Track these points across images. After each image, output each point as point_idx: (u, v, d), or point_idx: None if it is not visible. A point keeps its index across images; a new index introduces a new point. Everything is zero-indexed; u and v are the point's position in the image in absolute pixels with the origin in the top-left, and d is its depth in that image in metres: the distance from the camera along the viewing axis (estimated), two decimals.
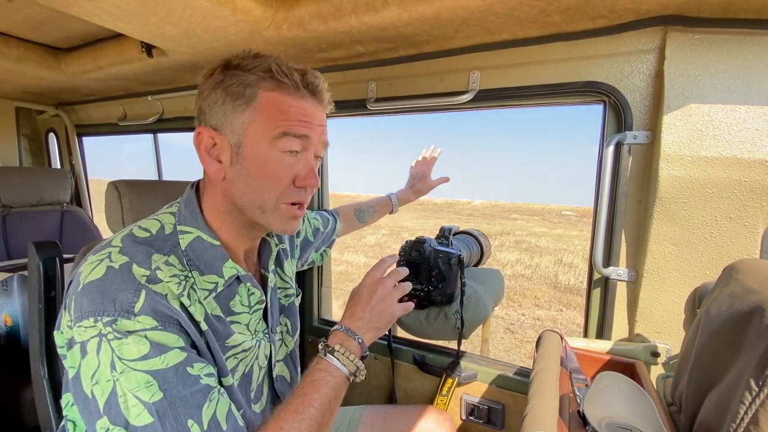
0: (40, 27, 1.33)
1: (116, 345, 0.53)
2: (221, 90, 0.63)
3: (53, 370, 0.95)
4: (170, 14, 0.96)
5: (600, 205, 1.00)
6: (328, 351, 0.66)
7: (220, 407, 0.58)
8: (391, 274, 0.76)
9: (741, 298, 0.58)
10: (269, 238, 0.83)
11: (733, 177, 0.87)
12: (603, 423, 0.64)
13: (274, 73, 0.63)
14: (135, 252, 0.59)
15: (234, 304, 0.70)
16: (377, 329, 0.72)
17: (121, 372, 0.52)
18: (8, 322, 1.53)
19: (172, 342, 0.56)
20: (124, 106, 2.01)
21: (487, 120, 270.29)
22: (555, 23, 0.94)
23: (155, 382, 0.53)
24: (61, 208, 2.20)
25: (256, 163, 0.64)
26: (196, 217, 0.68)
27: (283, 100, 0.64)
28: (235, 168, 0.65)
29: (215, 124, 0.64)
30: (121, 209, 0.99)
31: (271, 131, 0.63)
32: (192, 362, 0.57)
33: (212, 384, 0.59)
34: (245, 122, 0.63)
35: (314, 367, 0.66)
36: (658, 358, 0.94)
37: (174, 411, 0.53)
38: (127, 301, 0.54)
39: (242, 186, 0.65)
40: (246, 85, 0.63)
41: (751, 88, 0.84)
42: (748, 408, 0.45)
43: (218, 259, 0.67)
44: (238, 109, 0.63)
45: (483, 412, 1.20)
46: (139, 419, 0.52)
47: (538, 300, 6.86)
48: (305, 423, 0.59)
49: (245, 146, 0.64)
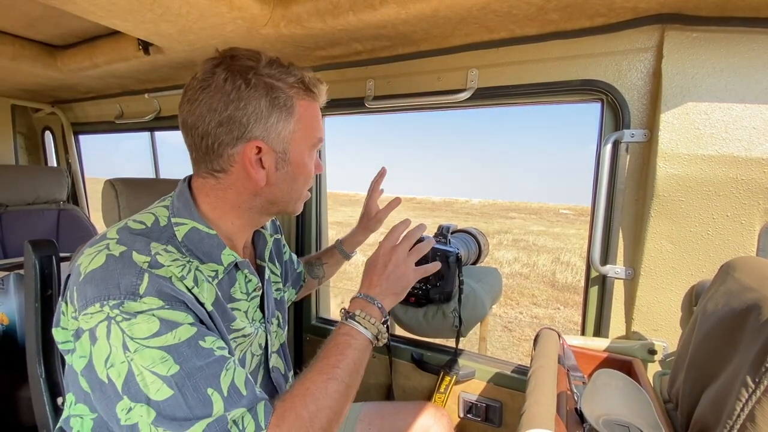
0: (36, 24, 1.32)
1: (126, 326, 0.53)
2: (266, 101, 0.66)
3: (50, 369, 0.95)
4: (167, 11, 0.96)
5: (597, 204, 1.00)
6: (349, 316, 0.69)
7: (238, 375, 0.58)
8: (403, 241, 0.78)
9: (738, 296, 0.58)
10: (263, 230, 0.85)
11: (730, 175, 0.87)
12: (600, 420, 0.65)
13: (308, 85, 0.70)
14: (133, 241, 0.60)
15: (234, 290, 0.72)
16: (395, 295, 0.75)
17: (134, 351, 0.53)
18: (4, 321, 1.52)
19: (181, 318, 0.57)
20: (120, 104, 2.00)
21: (486, 118, 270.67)
22: (553, 21, 0.94)
23: (170, 357, 0.54)
24: (58, 207, 2.18)
25: (300, 166, 0.72)
26: (190, 209, 0.69)
27: (313, 108, 0.72)
28: (280, 172, 0.70)
29: (260, 135, 0.67)
30: (118, 207, 0.99)
31: (310, 140, 0.72)
32: (203, 336, 0.58)
33: (226, 355, 0.59)
34: (290, 132, 0.69)
35: (336, 332, 0.68)
36: (655, 356, 0.95)
37: (193, 381, 0.54)
38: (131, 284, 0.55)
39: (285, 186, 0.72)
40: (288, 96, 0.68)
41: (749, 86, 0.85)
42: (745, 404, 0.45)
43: (216, 248, 0.68)
44: (283, 120, 0.68)
45: (481, 410, 1.20)
46: (159, 394, 0.52)
47: (535, 298, 6.88)
48: (332, 383, 0.60)
49: (290, 152, 0.70)
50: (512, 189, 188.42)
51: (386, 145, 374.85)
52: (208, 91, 0.64)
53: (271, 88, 0.65)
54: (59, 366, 0.95)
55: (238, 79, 0.64)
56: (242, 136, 0.65)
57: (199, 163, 0.70)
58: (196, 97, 0.65)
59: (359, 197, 40.96)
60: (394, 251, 0.76)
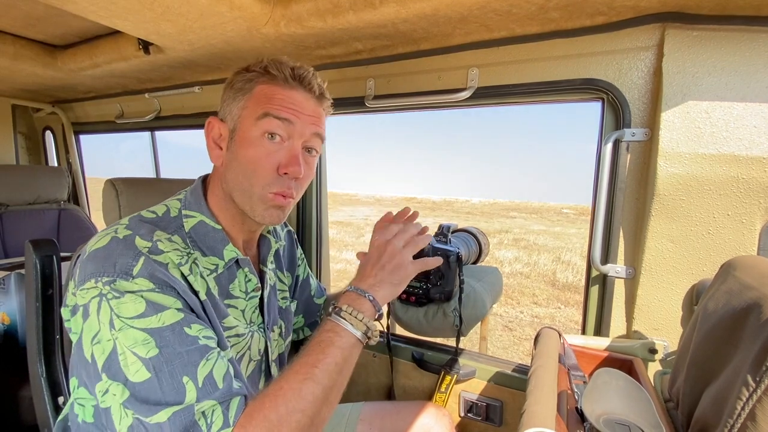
0: (37, 24, 1.32)
1: (114, 304, 0.55)
2: (230, 88, 0.72)
3: (51, 368, 0.95)
4: (167, 11, 0.96)
5: (598, 203, 1.00)
6: (335, 311, 0.64)
7: (218, 367, 0.57)
8: (399, 234, 0.73)
9: (738, 295, 0.58)
10: (268, 235, 0.85)
11: (730, 174, 0.87)
12: (601, 419, 0.64)
13: (269, 67, 0.70)
14: (139, 228, 0.63)
15: (233, 287, 0.73)
16: (392, 285, 0.68)
17: (119, 329, 0.54)
18: (5, 320, 1.52)
19: (169, 303, 0.57)
20: (121, 104, 2.00)
21: (487, 117, 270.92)
22: (553, 20, 0.94)
23: (152, 340, 0.54)
24: (59, 207, 2.19)
25: (243, 144, 0.68)
26: (199, 203, 0.72)
27: (273, 89, 0.69)
28: (229, 153, 0.70)
29: (222, 116, 0.73)
30: (118, 207, 0.99)
31: (255, 114, 0.68)
32: (190, 323, 0.58)
33: (211, 345, 0.58)
34: (239, 108, 0.70)
35: (321, 328, 0.63)
36: (656, 355, 0.95)
37: (170, 367, 0.54)
38: (126, 263, 0.57)
39: (233, 171, 0.70)
40: (247, 80, 0.70)
41: (750, 85, 0.84)
42: (745, 404, 0.45)
43: (219, 243, 0.70)
44: (237, 99, 0.70)
45: (481, 409, 1.20)
46: (137, 375, 0.53)
47: (536, 297, 6.88)
48: (308, 384, 0.56)
49: (237, 131, 0.70)
50: (513, 188, 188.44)
51: (387, 144, 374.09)
52: None
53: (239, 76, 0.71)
54: (60, 365, 0.95)
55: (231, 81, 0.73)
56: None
57: None
58: None
59: (359, 197, 40.94)
60: (389, 243, 0.71)
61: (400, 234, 0.73)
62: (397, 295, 0.70)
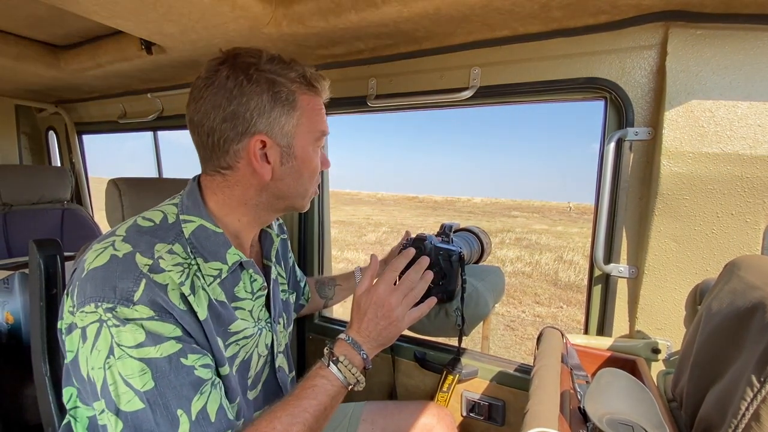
0: (40, 24, 1.33)
1: (115, 332, 0.55)
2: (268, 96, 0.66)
3: (55, 367, 0.95)
4: (169, 11, 0.96)
5: (601, 202, 1.00)
6: (332, 360, 0.67)
7: (212, 400, 0.59)
8: (399, 288, 0.74)
9: (742, 295, 0.57)
10: (269, 230, 0.86)
11: (734, 173, 0.86)
12: (604, 419, 0.64)
13: (309, 79, 0.70)
14: (138, 241, 0.61)
15: (238, 290, 0.73)
16: (381, 346, 0.73)
17: (118, 357, 0.54)
18: (9, 320, 1.53)
19: (168, 332, 0.57)
20: (123, 104, 2.01)
21: (488, 116, 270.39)
22: (556, 19, 0.94)
23: (149, 371, 0.55)
24: (62, 206, 2.20)
25: (305, 160, 0.73)
26: (198, 207, 0.70)
27: (315, 102, 0.72)
28: (285, 167, 0.71)
29: (264, 129, 0.67)
30: (121, 207, 0.99)
31: (313, 133, 0.72)
32: (187, 353, 0.58)
33: (205, 377, 0.60)
34: (293, 126, 0.69)
35: (316, 371, 0.67)
36: (659, 355, 0.94)
37: (164, 400, 0.55)
38: (127, 289, 0.56)
39: (291, 181, 0.72)
40: (290, 91, 0.69)
41: (754, 83, 0.84)
42: (750, 404, 0.45)
43: (221, 246, 0.69)
44: (286, 114, 0.68)
45: (483, 409, 1.20)
46: (129, 405, 0.54)
47: (538, 297, 6.86)
48: (297, 427, 0.60)
49: (295, 146, 0.71)
50: (515, 187, 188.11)
51: (387, 143, 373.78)
52: (212, 89, 0.65)
53: (272, 83, 0.66)
54: (63, 363, 0.95)
55: (240, 75, 0.65)
56: (246, 131, 0.66)
57: (207, 161, 0.71)
58: (201, 95, 0.66)
59: (361, 196, 40.93)
60: (388, 303, 0.72)
61: (401, 287, 0.75)
62: (384, 348, 0.75)
